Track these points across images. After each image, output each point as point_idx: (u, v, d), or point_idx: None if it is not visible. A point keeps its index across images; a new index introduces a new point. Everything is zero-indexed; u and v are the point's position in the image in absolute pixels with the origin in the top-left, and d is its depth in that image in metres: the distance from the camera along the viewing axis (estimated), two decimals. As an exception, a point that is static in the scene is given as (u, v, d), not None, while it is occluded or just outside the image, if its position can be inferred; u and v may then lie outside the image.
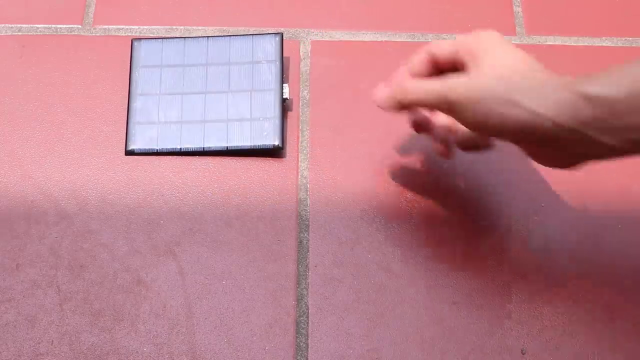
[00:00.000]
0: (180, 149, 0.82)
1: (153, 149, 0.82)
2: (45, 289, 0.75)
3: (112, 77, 0.87)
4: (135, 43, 0.87)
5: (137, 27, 0.90)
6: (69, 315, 0.74)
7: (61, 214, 0.79)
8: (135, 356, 0.72)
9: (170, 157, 0.82)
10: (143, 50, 0.86)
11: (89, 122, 0.84)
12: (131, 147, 0.82)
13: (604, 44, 0.90)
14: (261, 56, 0.85)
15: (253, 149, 0.81)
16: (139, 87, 0.85)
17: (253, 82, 0.84)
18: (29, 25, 0.90)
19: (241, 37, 0.86)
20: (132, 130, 0.83)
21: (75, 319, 0.74)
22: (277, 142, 0.81)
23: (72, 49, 0.89)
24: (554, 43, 0.90)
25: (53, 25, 0.90)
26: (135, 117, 0.83)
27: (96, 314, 0.74)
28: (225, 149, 0.82)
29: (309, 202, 0.80)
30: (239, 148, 0.82)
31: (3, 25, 0.90)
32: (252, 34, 0.87)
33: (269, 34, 0.86)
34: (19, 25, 0.90)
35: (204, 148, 0.82)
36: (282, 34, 0.86)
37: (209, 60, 0.85)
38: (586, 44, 0.90)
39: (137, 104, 0.84)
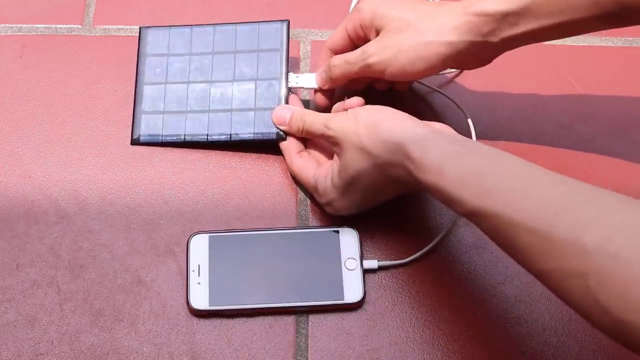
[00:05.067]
0: (184, 137, 0.82)
1: (158, 138, 0.82)
2: (45, 289, 0.75)
3: (112, 77, 0.87)
4: (143, 30, 0.87)
5: (137, 27, 0.90)
6: (69, 315, 0.74)
7: (61, 214, 0.79)
8: (135, 356, 0.72)
9: (170, 156, 0.82)
10: (150, 38, 0.86)
11: (89, 122, 0.84)
12: (136, 135, 0.82)
13: (604, 44, 0.90)
14: (267, 44, 0.84)
15: (256, 139, 0.81)
16: (145, 76, 0.85)
17: (258, 71, 0.83)
18: (29, 25, 0.90)
19: (247, 24, 0.86)
20: (137, 119, 0.83)
21: (75, 319, 0.74)
22: (280, 132, 0.81)
23: (72, 49, 0.88)
24: (553, 43, 0.90)
25: (53, 25, 0.90)
26: (142, 106, 0.83)
27: (96, 314, 0.74)
28: (229, 137, 0.81)
29: (309, 202, 0.80)
30: (242, 137, 0.81)
31: (3, 25, 0.90)
32: (259, 22, 0.86)
33: (275, 21, 0.85)
34: (19, 25, 0.90)
35: (207, 136, 0.81)
36: (288, 21, 0.85)
37: (215, 49, 0.85)
38: (586, 43, 0.90)
39: (143, 93, 0.84)
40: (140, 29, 0.87)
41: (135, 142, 0.82)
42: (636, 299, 0.52)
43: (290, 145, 0.80)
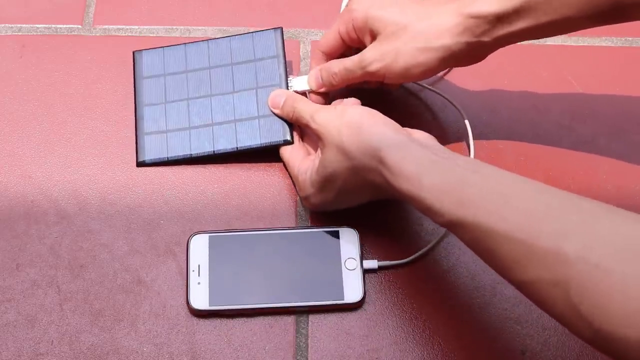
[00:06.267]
0: (191, 155, 0.81)
1: (164, 158, 0.82)
2: (45, 289, 0.75)
3: (112, 77, 0.87)
4: (137, 55, 0.87)
5: (137, 27, 0.90)
6: (69, 315, 0.74)
7: (61, 214, 0.79)
8: (135, 356, 0.72)
9: (170, 157, 0.82)
10: (145, 61, 0.86)
11: (89, 122, 0.84)
12: (142, 158, 0.82)
13: (604, 44, 0.90)
14: (263, 53, 0.85)
15: (264, 146, 0.81)
16: (144, 97, 0.84)
17: (257, 80, 0.83)
18: (29, 25, 0.90)
19: (241, 36, 0.86)
20: (141, 142, 0.82)
21: (75, 319, 0.74)
22: (287, 137, 0.80)
23: (72, 49, 0.89)
24: (553, 43, 0.90)
25: (53, 25, 0.90)
26: (144, 127, 0.83)
27: (96, 314, 0.74)
28: (236, 149, 0.81)
29: (309, 202, 0.80)
30: (249, 147, 0.81)
31: (3, 25, 0.90)
32: (252, 32, 0.86)
33: (268, 29, 0.86)
34: (19, 25, 0.90)
35: (214, 151, 0.81)
36: (281, 28, 0.85)
37: (211, 63, 0.85)
38: (586, 43, 0.90)
39: (144, 114, 0.83)
40: (134, 53, 0.87)
41: (140, 164, 0.82)
42: (616, 309, 0.51)
43: None
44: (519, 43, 0.90)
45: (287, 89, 0.82)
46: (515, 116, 0.85)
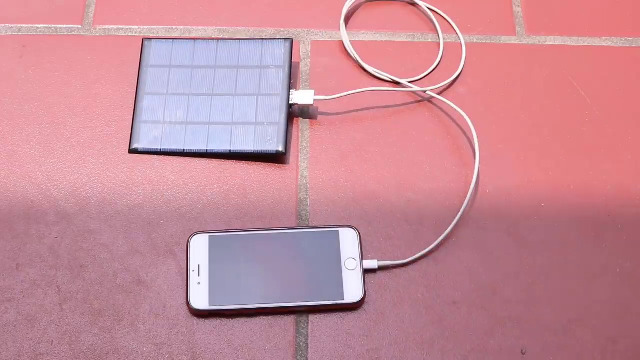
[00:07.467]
0: (184, 150, 0.82)
1: (156, 149, 0.82)
2: (45, 289, 0.75)
3: (112, 77, 0.87)
4: (146, 42, 0.87)
5: (137, 27, 0.90)
6: (69, 315, 0.74)
7: (61, 214, 0.79)
8: (135, 356, 0.72)
9: (171, 157, 0.82)
10: (153, 50, 0.86)
11: (89, 122, 0.84)
12: (135, 145, 0.82)
13: (604, 44, 0.90)
14: (270, 61, 0.85)
15: (256, 153, 0.81)
16: (146, 86, 0.85)
17: (260, 87, 0.84)
18: (29, 25, 0.90)
19: (251, 41, 0.86)
20: (137, 129, 0.83)
21: (75, 319, 0.74)
22: (280, 148, 0.81)
23: (72, 49, 0.89)
24: (553, 43, 0.90)
25: (53, 25, 0.90)
26: (141, 115, 0.83)
27: (96, 314, 0.74)
28: (229, 152, 0.81)
29: (309, 202, 0.80)
30: (242, 151, 0.81)
31: (3, 25, 0.90)
32: (262, 39, 0.86)
33: (278, 39, 0.86)
34: (19, 25, 0.90)
35: (207, 150, 0.81)
36: (292, 40, 0.86)
37: (218, 63, 0.85)
38: (586, 43, 0.90)
39: (143, 102, 0.84)
40: (143, 40, 0.87)
41: (133, 151, 0.82)
42: None
43: None
44: (519, 44, 0.90)
45: (289, 101, 0.82)
46: (516, 116, 0.85)
